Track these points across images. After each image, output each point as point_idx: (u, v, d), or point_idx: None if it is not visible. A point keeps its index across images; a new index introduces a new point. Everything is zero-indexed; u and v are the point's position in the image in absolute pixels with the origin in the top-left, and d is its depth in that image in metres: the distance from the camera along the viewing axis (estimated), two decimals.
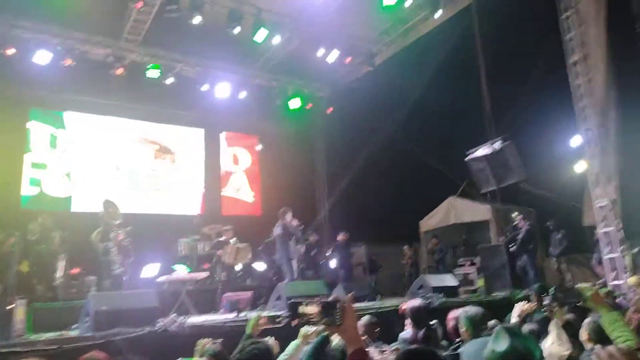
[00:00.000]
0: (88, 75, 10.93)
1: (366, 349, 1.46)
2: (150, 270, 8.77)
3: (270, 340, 3.66)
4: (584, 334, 2.79)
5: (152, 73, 11.42)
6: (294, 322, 1.42)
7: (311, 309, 1.39)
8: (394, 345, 3.77)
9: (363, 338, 3.11)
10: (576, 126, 9.44)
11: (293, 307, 1.39)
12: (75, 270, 9.16)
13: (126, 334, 4.71)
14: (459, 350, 3.14)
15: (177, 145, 13.44)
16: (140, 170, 12.70)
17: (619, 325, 2.12)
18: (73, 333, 5.18)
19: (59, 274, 8.16)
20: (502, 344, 1.29)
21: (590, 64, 9.28)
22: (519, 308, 4.30)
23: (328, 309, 1.38)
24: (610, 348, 0.92)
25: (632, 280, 7.50)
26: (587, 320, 2.86)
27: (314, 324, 1.42)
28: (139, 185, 12.57)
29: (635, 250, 8.85)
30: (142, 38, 10.98)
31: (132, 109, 12.52)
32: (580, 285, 2.37)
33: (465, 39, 13.07)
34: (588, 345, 2.81)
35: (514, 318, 4.25)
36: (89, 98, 11.80)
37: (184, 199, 13.23)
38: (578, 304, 2.41)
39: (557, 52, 9.62)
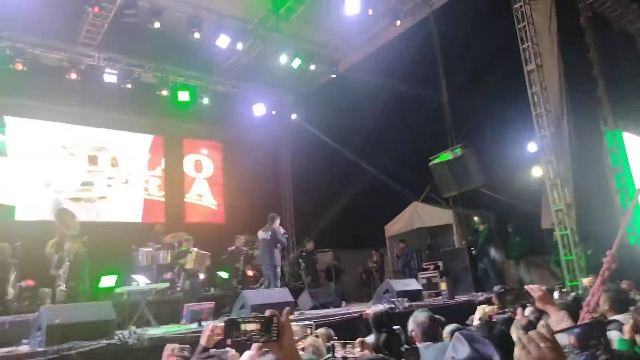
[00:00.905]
0: (40, 79, 10.46)
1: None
2: (108, 281, 8.45)
3: (230, 353, 3.55)
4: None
5: (110, 78, 11.08)
6: (228, 342, 1.37)
7: (251, 326, 1.35)
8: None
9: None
10: (533, 132, 9.77)
11: (230, 325, 1.35)
12: (29, 282, 8.74)
13: (80, 348, 4.49)
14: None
15: (135, 153, 13.07)
16: (96, 177, 12.27)
17: (566, 325, 2.17)
18: (23, 348, 4.90)
19: (10, 286, 7.73)
20: (462, 352, 1.26)
21: (545, 72, 9.65)
22: (481, 310, 4.38)
23: (266, 325, 1.36)
24: (532, 332, 0.93)
25: (585, 281, 7.80)
26: (541, 323, 2.90)
27: (255, 340, 1.37)
28: (95, 193, 12.13)
29: (590, 252, 9.20)
30: (99, 43, 10.66)
31: (88, 116, 12.10)
32: (529, 287, 2.41)
33: (426, 47, 13.36)
34: (520, 332, 2.84)
35: (475, 320, 4.32)
36: (40, 104, 11.30)
37: (142, 207, 12.87)
38: (527, 305, 2.44)
39: (515, 61, 9.95)
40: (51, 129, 11.80)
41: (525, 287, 2.45)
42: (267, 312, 1.39)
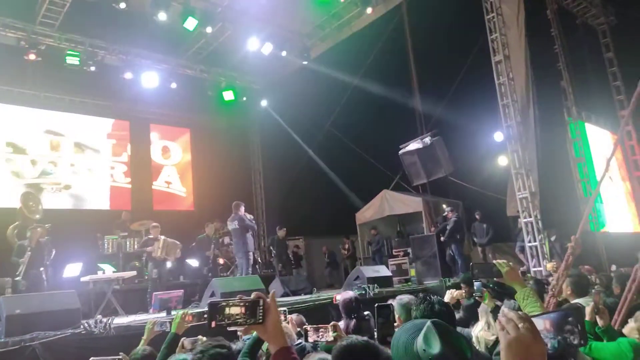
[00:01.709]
0: None
1: (290, 345, 1.41)
2: (73, 270, 8.21)
3: (202, 339, 3.52)
4: (498, 325, 2.90)
5: (72, 60, 10.65)
6: (212, 324, 1.33)
7: (236, 310, 1.32)
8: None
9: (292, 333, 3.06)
10: (499, 122, 9.97)
11: (212, 308, 1.31)
12: None
13: (44, 338, 4.35)
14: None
15: (99, 138, 12.66)
16: (59, 163, 11.85)
17: (531, 301, 2.22)
18: None
19: None
20: (435, 346, 1.25)
21: (512, 63, 9.84)
22: (449, 295, 4.47)
23: (252, 308, 1.34)
24: (511, 313, 0.95)
25: (549, 266, 8.09)
26: (502, 308, 2.96)
27: (240, 324, 1.35)
28: (58, 180, 11.73)
29: (553, 238, 9.53)
30: (60, 23, 10.21)
31: (49, 99, 11.63)
32: (497, 261, 2.45)
33: (396, 36, 13.42)
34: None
35: None
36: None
37: (108, 194, 12.53)
38: (495, 279, 2.47)
39: (483, 51, 10.10)
40: (11, 112, 11.29)
41: (494, 261, 2.48)
42: (253, 295, 1.36)
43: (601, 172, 12.14)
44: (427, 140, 12.31)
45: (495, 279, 2.41)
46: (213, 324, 1.33)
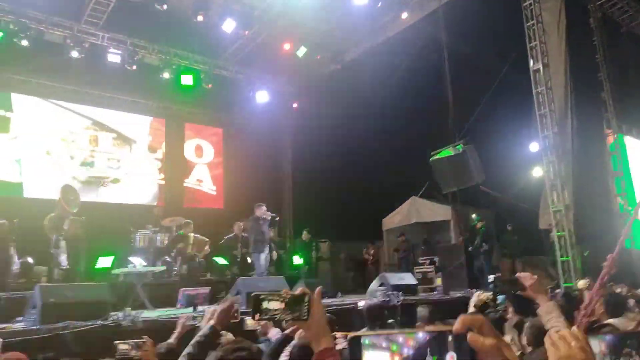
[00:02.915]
0: (42, 56, 10.38)
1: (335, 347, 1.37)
2: (105, 262, 8.46)
3: (228, 335, 3.58)
4: (523, 338, 2.84)
5: (114, 58, 10.99)
6: (256, 317, 1.31)
7: (275, 305, 1.28)
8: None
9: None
10: (535, 132, 9.73)
11: (255, 302, 1.29)
12: (28, 259, 8.75)
13: (74, 328, 4.50)
14: None
15: (136, 134, 13.01)
16: (96, 157, 12.24)
17: (554, 315, 2.16)
18: (18, 326, 4.91)
19: (8, 263, 7.73)
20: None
21: (551, 72, 9.59)
22: (476, 297, 4.40)
23: (293, 304, 1.29)
24: (564, 331, 0.92)
25: (581, 283, 7.82)
26: (527, 325, 2.91)
27: (279, 319, 1.31)
28: (95, 173, 12.11)
29: (586, 253, 9.22)
30: (104, 22, 10.56)
31: (90, 95, 12.04)
32: (520, 274, 2.39)
33: (431, 41, 13.26)
34: (528, 349, 2.85)
35: (470, 308, 4.35)
36: (43, 81, 11.24)
37: (142, 189, 12.86)
38: (517, 293, 2.42)
39: (521, 59, 9.88)
40: (54, 107, 11.75)
41: (517, 274, 2.43)
42: (298, 290, 1.32)
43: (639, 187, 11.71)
44: (459, 147, 12.13)
45: (519, 292, 2.35)
46: (257, 317, 1.30)
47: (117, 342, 2.71)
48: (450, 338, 0.88)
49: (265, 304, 1.28)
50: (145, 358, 2.62)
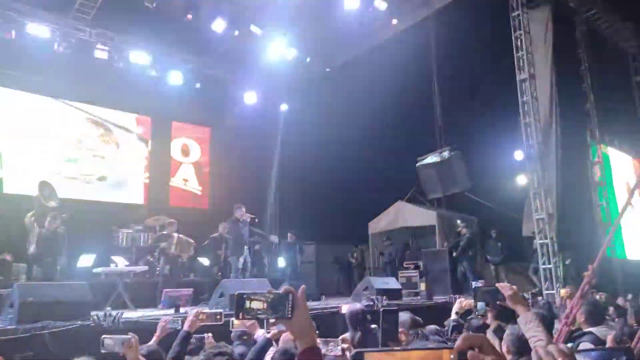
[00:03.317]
0: (27, 50, 10.21)
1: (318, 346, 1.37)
2: (87, 260, 8.34)
3: (208, 337, 3.56)
4: (503, 347, 2.86)
5: (101, 54, 10.86)
6: (240, 317, 1.31)
7: (258, 304, 1.28)
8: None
9: (403, 339, 3.03)
10: (520, 141, 9.86)
11: (239, 301, 1.28)
12: (7, 257, 8.59)
13: (53, 328, 4.42)
14: None
15: (121, 131, 12.85)
16: (81, 154, 12.06)
17: (533, 325, 2.19)
18: None
19: None
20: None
21: (537, 82, 9.74)
22: (458, 304, 4.43)
23: (277, 303, 1.29)
24: (551, 346, 0.93)
25: (563, 292, 7.93)
26: (506, 333, 2.92)
27: (268, 318, 1.32)
28: (80, 170, 11.93)
29: (568, 261, 9.37)
30: (92, 17, 10.43)
31: (76, 91, 11.83)
32: (500, 285, 2.43)
33: (421, 48, 13.39)
34: (508, 357, 2.87)
35: (453, 314, 4.38)
36: (28, 75, 11.03)
37: (127, 187, 12.70)
38: (498, 302, 2.45)
39: (508, 69, 10.01)
40: (39, 102, 11.54)
41: (497, 285, 2.47)
42: (283, 289, 1.32)
43: (621, 197, 11.93)
44: (446, 154, 12.25)
45: (498, 302, 2.38)
46: (240, 316, 1.31)
47: (104, 336, 2.74)
48: (452, 356, 0.89)
49: (248, 304, 1.28)
50: (129, 355, 2.64)
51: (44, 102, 11.62)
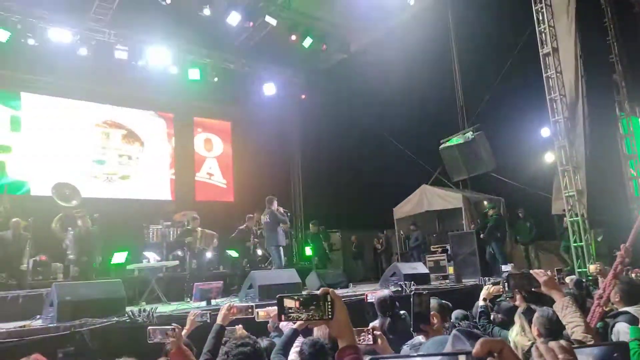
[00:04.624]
0: (50, 55, 10.44)
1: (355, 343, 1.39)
2: (120, 257, 8.58)
3: (239, 329, 3.62)
4: (534, 330, 2.82)
5: (120, 55, 11.02)
6: (282, 318, 1.34)
7: (298, 305, 1.32)
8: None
9: (435, 322, 3.07)
10: (546, 117, 9.61)
11: (280, 302, 1.32)
12: (42, 257, 8.90)
13: (91, 325, 4.58)
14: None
15: (145, 130, 13.08)
16: (107, 154, 12.34)
17: (570, 310, 2.15)
18: (36, 324, 5.01)
19: (24, 260, 7.86)
20: (463, 348, 1.24)
21: (561, 56, 9.44)
22: (486, 290, 4.38)
23: (316, 303, 1.32)
24: (552, 343, 0.91)
25: (592, 267, 7.76)
26: (536, 315, 2.87)
27: (307, 319, 1.34)
28: (106, 170, 12.22)
29: (599, 238, 9.15)
30: (110, 18, 10.57)
31: (98, 92, 12.09)
32: (534, 271, 2.38)
33: (439, 29, 13.12)
34: (539, 340, 2.84)
35: (480, 301, 4.34)
36: (52, 79, 11.31)
37: (154, 184, 12.96)
38: (533, 290, 2.41)
39: (530, 44, 9.73)
40: (64, 105, 11.84)
41: (531, 271, 2.42)
42: (320, 290, 1.35)
43: None
44: (469, 135, 12.05)
45: (533, 289, 2.34)
46: (282, 318, 1.34)
47: (150, 327, 2.87)
48: None
49: (289, 305, 1.32)
50: (174, 344, 2.76)
51: (69, 105, 11.90)
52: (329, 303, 1.32)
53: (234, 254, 10.39)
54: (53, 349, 4.34)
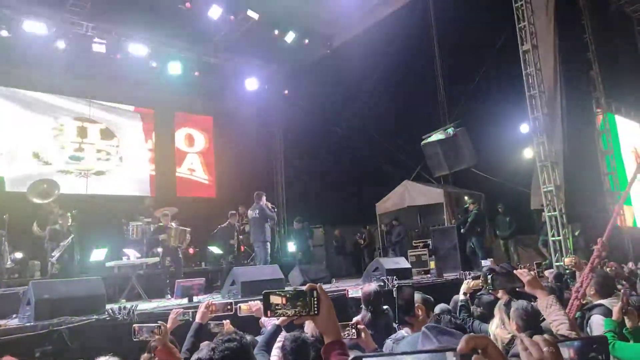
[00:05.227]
0: (25, 48, 10.16)
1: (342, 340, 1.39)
2: (99, 255, 8.44)
3: (226, 323, 3.60)
4: (512, 324, 2.85)
5: (99, 48, 10.79)
6: (268, 314, 1.34)
7: (284, 301, 1.32)
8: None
9: (420, 314, 3.07)
10: (526, 113, 9.76)
11: (266, 298, 1.31)
12: (19, 255, 8.72)
13: (70, 323, 4.50)
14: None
15: (124, 125, 12.86)
16: (85, 150, 12.10)
17: (555, 308, 2.19)
18: (13, 323, 4.91)
19: (2, 258, 7.69)
20: (429, 347, 1.25)
21: (540, 53, 9.58)
22: (466, 284, 4.44)
23: (302, 299, 1.32)
24: (537, 337, 0.93)
25: (567, 260, 7.91)
26: (512, 309, 2.90)
27: (293, 315, 1.34)
28: (84, 166, 11.99)
29: (577, 232, 9.34)
30: (88, 11, 10.33)
31: (76, 86, 11.82)
32: (518, 271, 2.42)
33: (421, 25, 13.20)
34: (522, 334, 2.86)
35: (461, 295, 4.39)
36: (26, 72, 11.02)
37: (133, 180, 12.76)
38: (517, 289, 2.44)
39: (510, 41, 9.85)
40: (40, 99, 11.56)
41: (515, 271, 2.46)
42: (307, 286, 1.36)
43: (630, 165, 11.83)
44: (450, 130, 12.16)
45: (517, 288, 2.38)
46: (268, 314, 1.34)
47: (136, 325, 2.83)
48: (453, 359, 0.87)
49: (275, 301, 1.32)
50: (160, 341, 2.74)
51: (44, 99, 11.62)
52: (315, 299, 1.32)
53: (216, 250, 10.32)
54: (30, 349, 4.26)
